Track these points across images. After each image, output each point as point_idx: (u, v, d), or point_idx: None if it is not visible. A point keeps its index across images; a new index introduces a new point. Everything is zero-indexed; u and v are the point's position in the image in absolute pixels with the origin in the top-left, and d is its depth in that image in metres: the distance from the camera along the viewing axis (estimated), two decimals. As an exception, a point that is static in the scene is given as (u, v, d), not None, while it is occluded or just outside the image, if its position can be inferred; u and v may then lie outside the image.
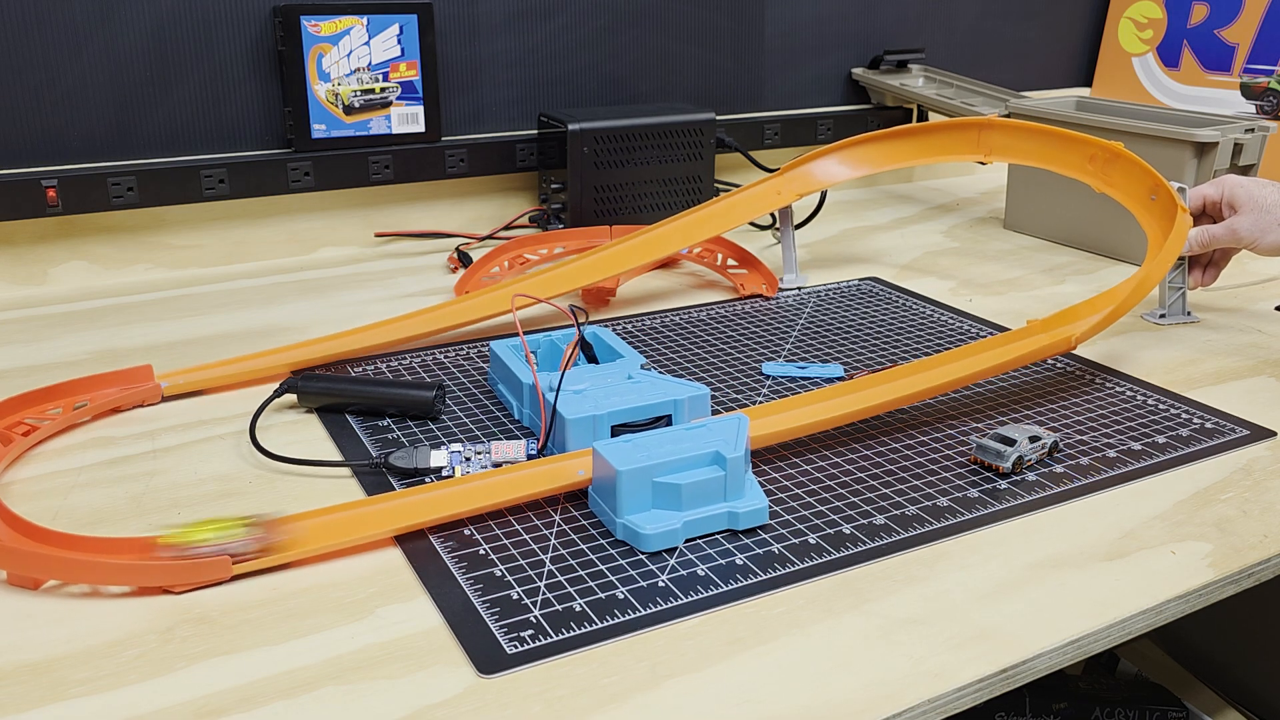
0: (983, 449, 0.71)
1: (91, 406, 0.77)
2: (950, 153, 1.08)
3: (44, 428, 0.74)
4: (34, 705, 0.49)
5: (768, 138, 1.43)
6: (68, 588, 0.57)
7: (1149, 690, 0.95)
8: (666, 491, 0.62)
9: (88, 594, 0.57)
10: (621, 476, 0.61)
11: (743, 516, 0.63)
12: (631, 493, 0.62)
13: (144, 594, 0.57)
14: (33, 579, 0.57)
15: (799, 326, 0.98)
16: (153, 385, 0.80)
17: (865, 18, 1.50)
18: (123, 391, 0.79)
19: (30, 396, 0.75)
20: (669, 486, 0.62)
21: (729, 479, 0.63)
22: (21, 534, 0.59)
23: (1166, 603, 0.58)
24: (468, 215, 1.27)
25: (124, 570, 0.57)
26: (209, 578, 0.57)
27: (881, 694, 0.50)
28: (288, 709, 0.49)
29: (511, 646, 0.53)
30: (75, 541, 0.59)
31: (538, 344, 0.81)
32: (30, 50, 1.02)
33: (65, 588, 0.57)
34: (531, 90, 1.29)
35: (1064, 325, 0.83)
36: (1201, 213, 0.98)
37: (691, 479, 0.62)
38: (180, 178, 1.09)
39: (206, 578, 0.57)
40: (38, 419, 0.75)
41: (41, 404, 0.76)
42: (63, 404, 0.77)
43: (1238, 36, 1.55)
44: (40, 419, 0.75)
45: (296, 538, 0.60)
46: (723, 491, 0.63)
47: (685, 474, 0.63)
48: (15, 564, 0.57)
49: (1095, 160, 0.99)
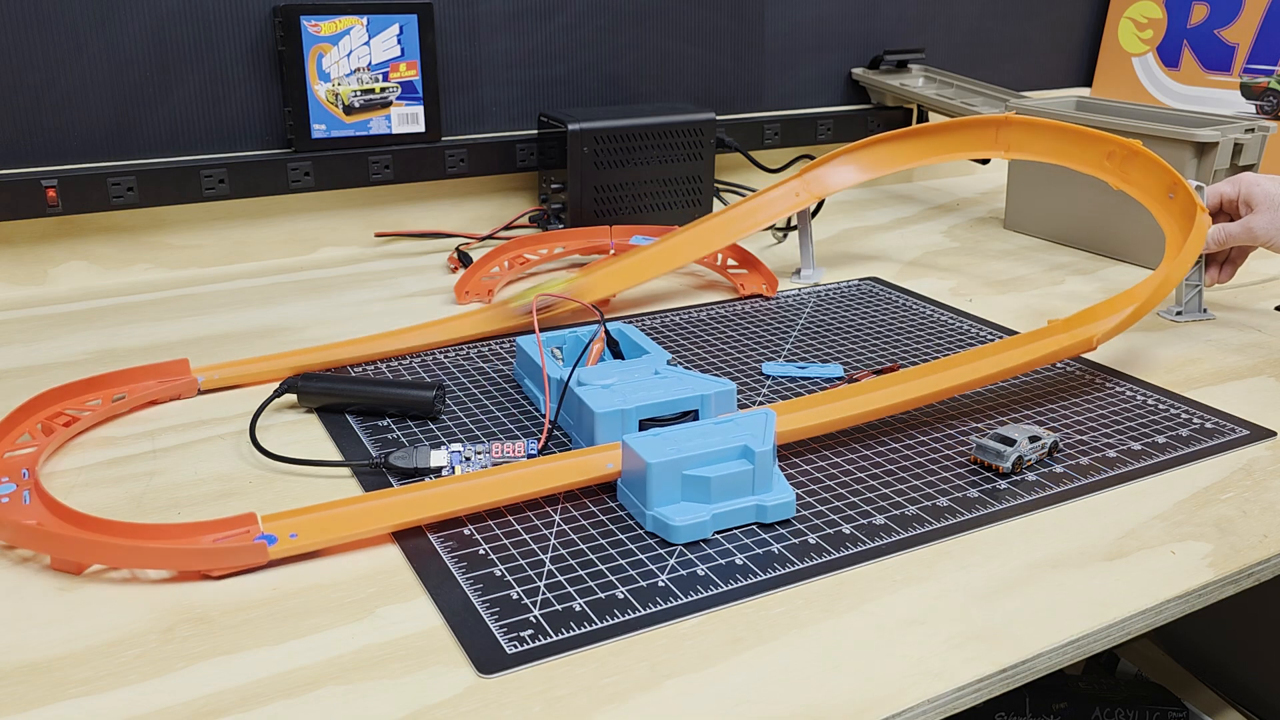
0: (983, 449, 0.71)
1: (130, 399, 0.78)
2: (969, 150, 1.08)
3: (84, 419, 0.75)
4: (34, 705, 0.49)
5: (768, 138, 1.43)
6: (69, 586, 0.57)
7: (1149, 690, 0.95)
8: (696, 484, 0.63)
9: (88, 594, 0.57)
10: (652, 469, 0.62)
11: (770, 509, 0.63)
12: (661, 485, 0.62)
13: (149, 585, 0.57)
14: (76, 564, 0.58)
15: (799, 326, 0.98)
16: (189, 379, 0.81)
17: (865, 18, 1.50)
18: (160, 385, 0.80)
19: (70, 388, 0.76)
20: (698, 479, 0.63)
21: (757, 472, 0.63)
22: (64, 520, 0.61)
23: (1166, 603, 0.58)
24: (468, 215, 1.27)
25: (165, 555, 0.58)
26: (247, 563, 0.58)
27: (881, 694, 0.50)
28: (288, 709, 0.49)
29: (511, 646, 0.53)
30: (116, 528, 0.60)
31: (563, 340, 0.82)
32: (30, 50, 1.02)
33: (66, 587, 0.57)
34: (531, 90, 1.29)
35: (1085, 325, 0.83)
36: (1218, 210, 0.98)
37: (720, 472, 0.63)
38: (180, 178, 1.09)
39: (245, 563, 0.58)
40: (78, 410, 0.76)
41: (81, 395, 0.77)
42: (102, 396, 0.78)
43: (1238, 36, 1.55)
44: (80, 410, 0.76)
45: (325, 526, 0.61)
46: (751, 485, 0.64)
47: (714, 467, 0.63)
48: (60, 549, 0.58)
49: (1113, 157, 0.99)
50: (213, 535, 0.60)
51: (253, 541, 0.59)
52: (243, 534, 0.60)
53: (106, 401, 0.77)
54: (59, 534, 0.59)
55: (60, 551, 0.58)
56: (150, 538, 0.60)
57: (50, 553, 0.59)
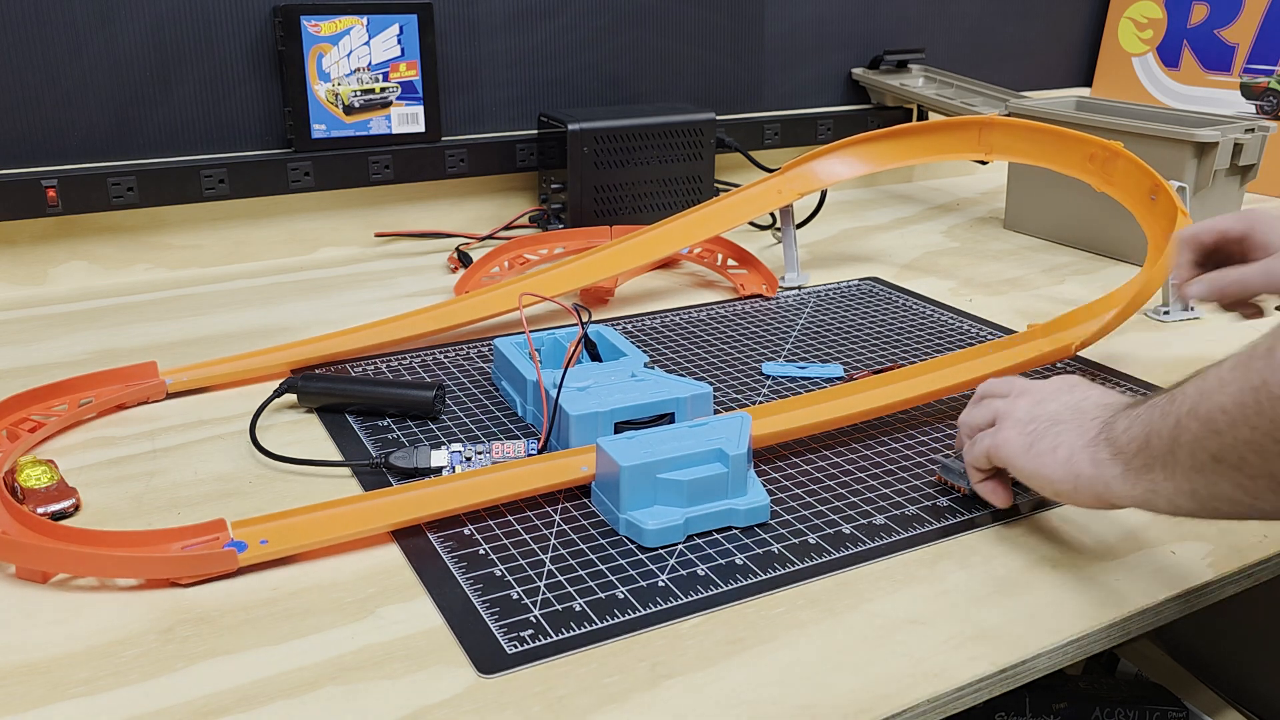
0: (947, 469, 0.69)
1: (97, 403, 0.77)
2: (951, 151, 1.08)
3: (49, 424, 0.74)
4: (34, 705, 0.49)
5: (768, 138, 1.43)
6: (69, 586, 0.57)
7: (1149, 690, 0.95)
8: (669, 488, 0.62)
9: (87, 594, 0.57)
10: (625, 472, 0.62)
11: (744, 514, 0.63)
12: (634, 489, 0.62)
13: (147, 588, 0.57)
14: (41, 573, 0.58)
15: (799, 326, 0.98)
16: (157, 382, 0.81)
17: (865, 18, 1.50)
18: (127, 388, 0.79)
19: (36, 393, 0.75)
20: (672, 483, 0.62)
21: (731, 476, 0.63)
22: (29, 528, 0.60)
23: (1166, 602, 0.58)
24: (468, 215, 1.27)
25: (131, 563, 0.57)
26: (216, 570, 0.58)
27: (881, 694, 0.50)
28: (288, 709, 0.49)
29: (511, 646, 0.53)
30: (82, 535, 0.59)
31: (541, 342, 0.81)
32: (30, 50, 1.02)
33: (65, 587, 0.57)
34: (531, 90, 1.29)
35: (1065, 330, 0.83)
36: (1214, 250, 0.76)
37: (694, 476, 0.62)
38: (180, 178, 1.09)
39: (213, 570, 0.58)
40: (44, 415, 0.75)
41: (47, 400, 0.76)
42: (68, 400, 0.77)
43: (1238, 36, 1.55)
44: (46, 415, 0.75)
45: (295, 533, 0.60)
46: (725, 488, 0.63)
47: (688, 471, 0.63)
48: (24, 558, 0.58)
49: (1095, 159, 0.99)
50: (181, 543, 0.59)
51: (221, 549, 0.58)
52: (211, 541, 0.59)
53: (73, 406, 0.76)
54: (23, 542, 0.58)
55: (25, 560, 0.57)
56: (117, 545, 0.58)
57: (15, 561, 0.58)
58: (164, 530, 0.59)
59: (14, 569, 0.58)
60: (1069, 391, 0.62)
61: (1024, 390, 0.65)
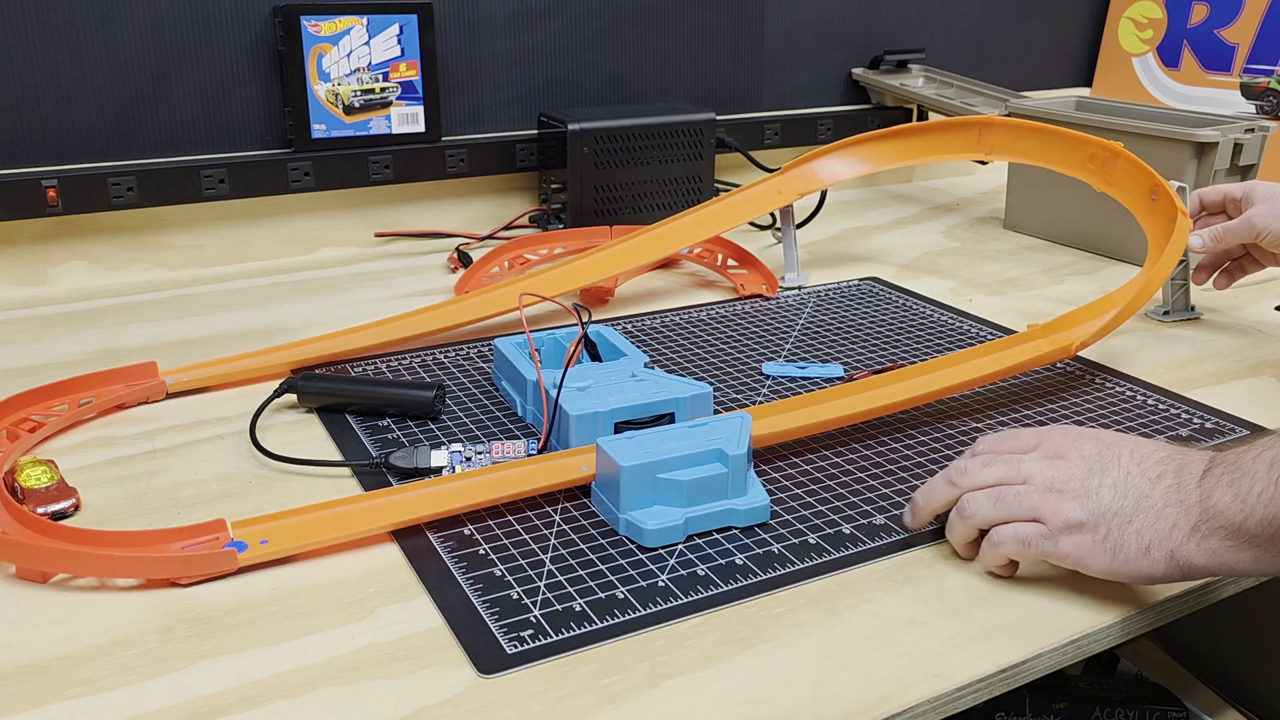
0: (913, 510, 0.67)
1: (96, 403, 0.77)
2: (951, 152, 1.08)
3: (49, 424, 0.74)
4: (34, 705, 0.49)
5: (768, 138, 1.43)
6: (68, 586, 0.57)
7: (1149, 690, 0.95)
8: (669, 488, 0.62)
9: (87, 594, 0.57)
10: (625, 472, 0.62)
11: (744, 514, 0.63)
12: (634, 488, 0.62)
13: (147, 588, 0.57)
14: (41, 573, 0.58)
15: (799, 326, 0.98)
16: (157, 382, 0.81)
17: (865, 18, 1.50)
18: (127, 388, 0.79)
19: (36, 393, 0.75)
20: (672, 483, 0.62)
21: (731, 476, 0.63)
22: (29, 528, 0.60)
23: (1166, 602, 0.58)
24: (468, 215, 1.27)
25: (131, 563, 0.57)
26: (215, 570, 0.58)
27: (881, 694, 0.50)
28: (288, 709, 0.49)
29: (511, 646, 0.53)
30: (82, 535, 0.59)
31: (541, 342, 0.81)
32: (30, 50, 1.02)
33: (65, 587, 0.57)
34: (531, 90, 1.29)
35: (1064, 330, 0.83)
36: (1220, 211, 0.96)
37: (694, 476, 0.62)
38: (180, 178, 1.09)
39: (213, 570, 0.58)
40: (44, 415, 0.75)
41: (47, 400, 0.76)
42: (68, 400, 0.77)
43: (1238, 36, 1.55)
44: (46, 415, 0.75)
45: (295, 533, 0.60)
46: (725, 489, 0.63)
47: (688, 470, 0.63)
48: (24, 557, 0.57)
49: (1095, 159, 0.99)
50: (181, 543, 0.59)
51: (221, 549, 0.58)
52: (211, 541, 0.59)
53: (73, 406, 0.76)
54: (23, 542, 0.58)
55: (25, 560, 0.57)
56: (117, 545, 0.58)
57: (15, 561, 0.58)
58: (164, 530, 0.59)
59: (14, 569, 0.58)
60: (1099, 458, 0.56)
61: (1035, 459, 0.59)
